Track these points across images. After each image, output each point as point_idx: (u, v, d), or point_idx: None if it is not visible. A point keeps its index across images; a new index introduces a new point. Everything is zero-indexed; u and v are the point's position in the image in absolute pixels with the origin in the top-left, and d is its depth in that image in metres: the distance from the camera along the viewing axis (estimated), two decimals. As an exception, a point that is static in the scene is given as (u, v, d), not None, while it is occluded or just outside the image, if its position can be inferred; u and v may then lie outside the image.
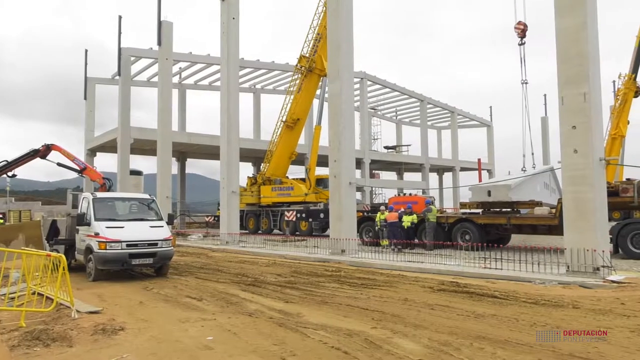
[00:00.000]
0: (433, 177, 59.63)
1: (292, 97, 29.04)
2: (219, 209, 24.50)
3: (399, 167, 56.79)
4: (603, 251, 10.27)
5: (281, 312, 7.69)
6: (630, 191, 14.73)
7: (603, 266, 10.18)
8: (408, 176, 59.08)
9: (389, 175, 60.69)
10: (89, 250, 11.69)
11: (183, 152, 41.31)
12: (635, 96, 27.90)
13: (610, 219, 15.08)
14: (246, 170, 49.21)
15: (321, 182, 28.80)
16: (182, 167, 43.42)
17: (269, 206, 30.35)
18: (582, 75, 10.51)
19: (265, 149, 31.76)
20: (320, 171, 31.56)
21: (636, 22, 26.71)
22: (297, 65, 28.51)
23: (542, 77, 11.03)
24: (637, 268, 12.13)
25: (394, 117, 60.77)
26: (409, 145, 58.63)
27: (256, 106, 47.20)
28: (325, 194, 25.98)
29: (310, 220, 26.88)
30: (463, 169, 56.37)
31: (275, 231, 29.55)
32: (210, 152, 36.77)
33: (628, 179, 16.22)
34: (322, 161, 27.56)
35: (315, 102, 32.57)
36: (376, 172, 57.25)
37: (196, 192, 74.55)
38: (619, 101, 27.55)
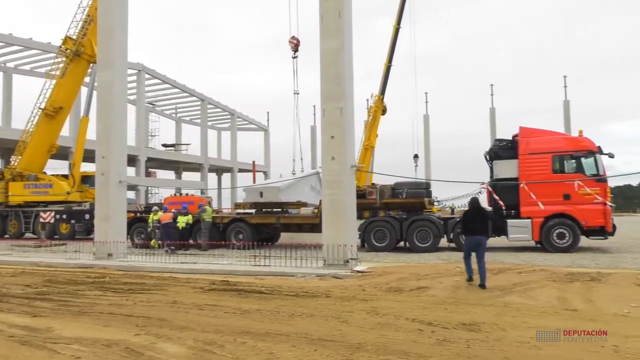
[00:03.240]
0: (212, 177, 59.92)
1: (54, 82, 25.52)
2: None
3: (178, 166, 55.35)
4: (352, 246, 11.92)
5: (26, 329, 6.71)
6: (374, 194, 17.44)
7: (351, 259, 11.81)
8: (187, 176, 58.06)
9: (166, 174, 58.61)
10: None
11: None
12: (383, 114, 32.99)
13: (362, 218, 17.59)
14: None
15: (88, 179, 26.03)
16: None
17: (20, 206, 26.07)
18: (339, 92, 12.03)
19: (18, 138, 27.20)
20: (88, 167, 28.53)
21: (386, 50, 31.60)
22: (61, 47, 25.22)
23: (314, 89, 12.40)
24: (377, 259, 14.43)
25: (174, 115, 58.97)
26: (189, 144, 57.69)
27: (7, 88, 40.06)
28: (92, 192, 23.56)
29: (73, 222, 24.15)
30: (241, 170, 58.12)
31: (29, 235, 25.57)
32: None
33: (373, 184, 19.17)
34: (90, 157, 25.01)
35: (84, 91, 29.35)
36: (153, 170, 54.64)
37: None
38: (370, 117, 32.20)
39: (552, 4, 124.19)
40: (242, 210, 20.18)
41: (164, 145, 55.36)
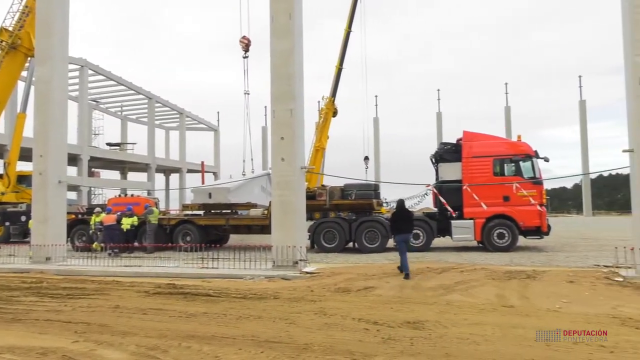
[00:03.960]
0: (160, 178, 58.29)
1: (-13, 76, 24.00)
2: None
3: (123, 166, 53.48)
4: (301, 247, 11.95)
5: (-48, 339, 6.30)
6: (324, 195, 17.58)
7: (301, 260, 11.85)
8: (133, 176, 56.18)
9: (111, 175, 56.49)
10: None
11: None
12: (334, 116, 33.27)
13: (312, 219, 17.68)
14: None
15: (24, 179, 24.74)
16: None
17: (-51, 208, 24.37)
18: (290, 94, 12.05)
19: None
20: (25, 167, 27.07)
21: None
22: (-5, 38, 23.77)
23: (265, 89, 12.32)
24: (326, 260, 14.55)
25: (120, 113, 56.92)
26: (135, 143, 55.85)
27: None
28: (28, 193, 22.39)
29: (8, 224, 22.86)
30: (190, 171, 56.90)
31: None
32: None
33: (323, 186, 19.30)
34: (27, 155, 23.75)
35: (21, 85, 27.83)
36: (96, 170, 52.51)
37: None
38: (321, 118, 32.39)
39: (496, 13, 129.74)
40: (190, 212, 19.81)
41: (109, 144, 53.33)
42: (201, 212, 19.30)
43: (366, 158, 40.69)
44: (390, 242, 17.25)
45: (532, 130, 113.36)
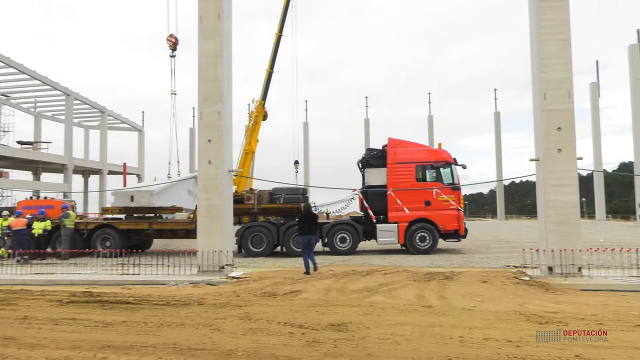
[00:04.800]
0: (78, 180, 54.89)
1: None
2: None
3: (36, 166, 49.77)
4: (228, 251, 11.79)
5: None
6: (252, 199, 17.46)
7: (227, 265, 11.68)
8: (47, 177, 52.42)
9: (22, 175, 52.37)
10: None
11: None
12: (264, 119, 33.12)
13: (241, 223, 17.48)
14: None
15: None
16: None
17: None
18: (218, 96, 11.87)
19: None
20: None
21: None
22: None
23: (194, 90, 12.00)
24: (254, 264, 14.45)
25: (33, 109, 52.99)
26: (50, 142, 52.18)
27: None
28: None
29: None
30: (112, 172, 54.13)
31: None
32: None
33: (251, 189, 19.17)
34: None
35: None
36: (5, 170, 48.47)
37: None
38: (251, 121, 32.12)
39: (422, 25, 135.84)
40: (110, 216, 18.87)
41: (20, 143, 49.41)
42: (122, 216, 18.46)
43: (296, 162, 40.89)
44: (318, 246, 17.48)
45: (453, 138, 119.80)
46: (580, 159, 10.66)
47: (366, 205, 17.22)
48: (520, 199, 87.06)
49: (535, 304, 8.32)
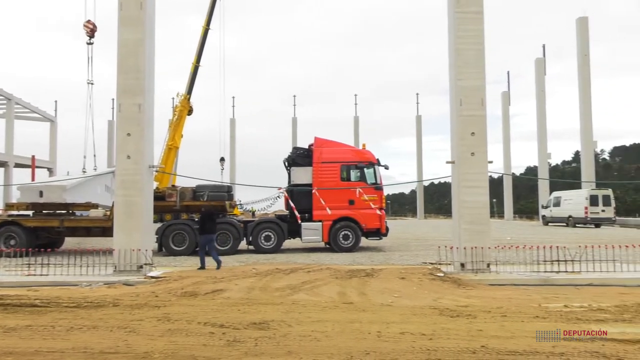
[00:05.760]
0: (-22, 172, 50.12)
1: None
2: None
3: None
4: (147, 250, 11.34)
5: None
6: (174, 196, 16.92)
7: (146, 264, 11.24)
8: (-59, 169, 47.44)
9: None
10: None
11: None
12: (189, 114, 32.16)
13: (162, 221, 16.87)
14: None
15: None
16: None
17: None
18: (138, 88, 11.37)
19: None
20: None
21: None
22: None
23: (113, 80, 11.32)
24: (175, 263, 14.02)
25: None
26: (-55, 130, 47.20)
27: None
28: None
29: None
30: (19, 165, 49.98)
31: None
32: None
33: (174, 186, 18.56)
34: None
35: None
36: None
37: None
38: (175, 116, 31.07)
39: (350, 27, 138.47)
40: (15, 212, 17.44)
41: None
42: (30, 213, 17.14)
43: (222, 159, 40.12)
44: (242, 245, 17.31)
45: (377, 139, 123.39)
46: (491, 162, 11.43)
47: (291, 203, 17.29)
48: (439, 199, 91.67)
49: (448, 298, 8.80)
